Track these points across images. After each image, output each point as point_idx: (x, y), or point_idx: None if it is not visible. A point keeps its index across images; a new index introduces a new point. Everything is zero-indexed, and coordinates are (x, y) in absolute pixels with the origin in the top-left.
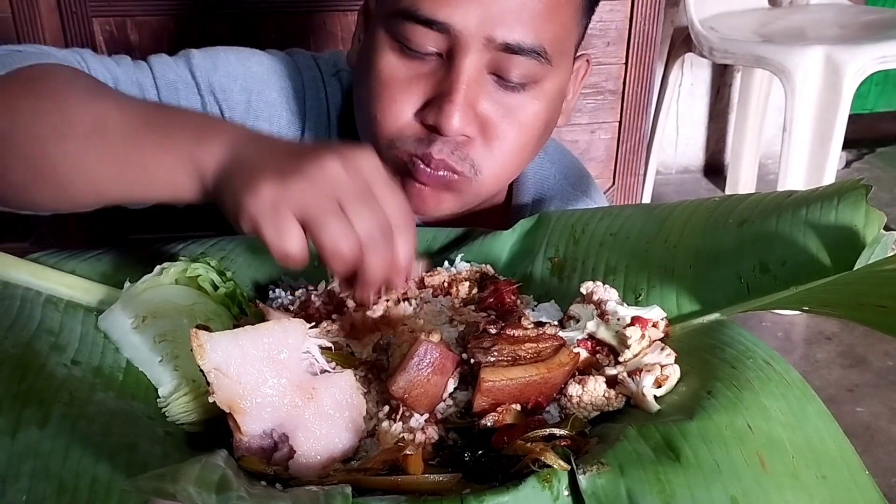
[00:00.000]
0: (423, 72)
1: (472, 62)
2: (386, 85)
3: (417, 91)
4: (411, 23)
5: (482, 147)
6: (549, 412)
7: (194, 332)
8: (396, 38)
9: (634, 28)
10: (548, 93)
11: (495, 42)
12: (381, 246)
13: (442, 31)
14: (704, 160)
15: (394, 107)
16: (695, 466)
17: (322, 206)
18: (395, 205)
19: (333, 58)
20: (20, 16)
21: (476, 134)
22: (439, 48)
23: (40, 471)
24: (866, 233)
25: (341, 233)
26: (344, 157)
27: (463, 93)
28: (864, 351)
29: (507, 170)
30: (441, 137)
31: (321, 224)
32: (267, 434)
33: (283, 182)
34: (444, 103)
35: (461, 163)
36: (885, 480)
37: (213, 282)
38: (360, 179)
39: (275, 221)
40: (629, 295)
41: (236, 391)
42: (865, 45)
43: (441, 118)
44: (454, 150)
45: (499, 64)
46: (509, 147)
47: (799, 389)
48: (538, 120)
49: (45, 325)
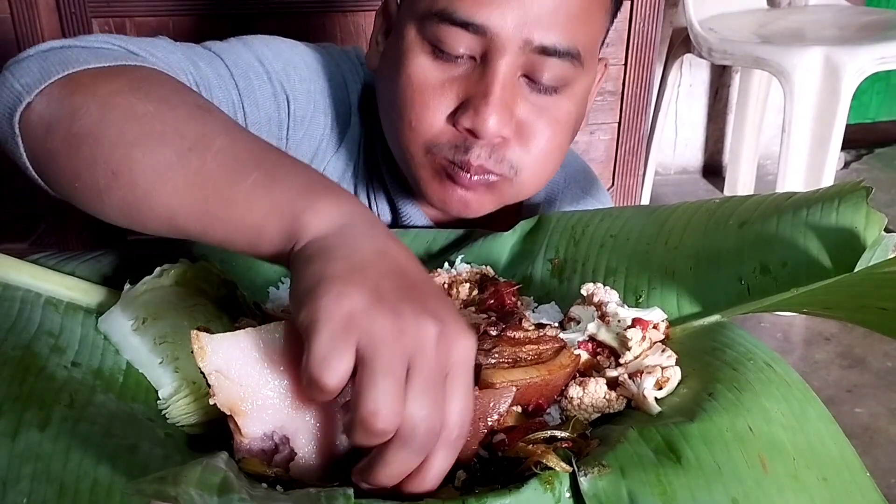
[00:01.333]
0: (456, 75)
1: (507, 64)
2: (419, 90)
3: (451, 95)
4: (446, 25)
5: (519, 148)
6: (549, 414)
7: (195, 334)
8: (429, 41)
9: (633, 29)
10: (578, 94)
11: (532, 45)
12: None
13: (479, 33)
14: (703, 161)
15: (427, 113)
16: (696, 468)
17: (392, 360)
18: (461, 402)
19: (355, 51)
20: (19, 16)
21: (511, 135)
22: (473, 51)
23: (41, 473)
24: (867, 235)
25: (390, 400)
26: (446, 326)
27: (499, 95)
28: (863, 352)
29: (545, 169)
30: (478, 141)
31: (378, 375)
32: (268, 436)
33: (373, 309)
34: (480, 106)
35: (499, 165)
36: (885, 481)
37: (212, 284)
38: (445, 362)
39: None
40: (630, 296)
41: (237, 393)
42: (864, 46)
43: (478, 121)
44: (491, 153)
45: (532, 66)
46: (545, 147)
47: (800, 391)
48: (570, 119)
49: (46, 327)
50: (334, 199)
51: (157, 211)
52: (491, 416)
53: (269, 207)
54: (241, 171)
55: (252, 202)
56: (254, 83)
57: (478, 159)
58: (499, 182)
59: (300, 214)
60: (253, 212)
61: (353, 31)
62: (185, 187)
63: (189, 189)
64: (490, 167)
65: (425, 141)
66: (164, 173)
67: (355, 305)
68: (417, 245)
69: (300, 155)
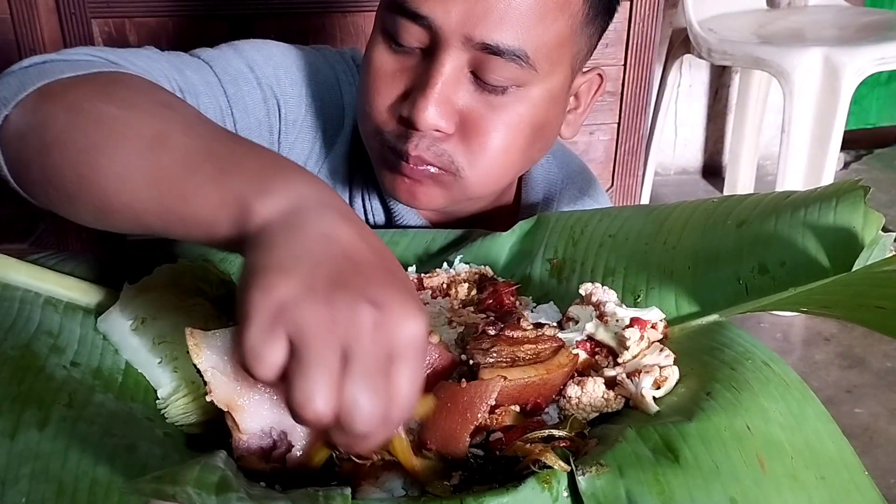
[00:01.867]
0: (407, 66)
1: (450, 58)
2: (374, 77)
3: (399, 84)
4: (399, 16)
5: (461, 144)
6: (548, 413)
7: (189, 331)
8: (387, 31)
9: (633, 29)
10: (534, 98)
11: (473, 41)
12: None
13: (424, 25)
14: (703, 161)
15: (377, 99)
16: (694, 468)
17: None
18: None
19: (351, 53)
20: (19, 17)
21: (454, 130)
22: (422, 43)
23: (40, 473)
24: (865, 234)
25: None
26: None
27: (438, 88)
28: (862, 352)
29: (493, 169)
30: (416, 132)
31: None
32: (266, 433)
33: (302, 300)
34: (418, 97)
35: (439, 158)
36: (885, 481)
37: (212, 283)
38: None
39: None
40: (628, 296)
41: (234, 389)
42: (864, 47)
43: (413, 111)
44: (430, 145)
45: (479, 64)
46: (491, 146)
47: (798, 391)
48: (521, 122)
49: (45, 327)
50: (283, 184)
51: (123, 212)
52: (478, 407)
53: (219, 199)
54: (194, 164)
55: (203, 195)
56: (243, 89)
57: (415, 150)
58: (442, 176)
59: (247, 202)
60: (205, 205)
61: (352, 31)
62: (143, 186)
63: (147, 188)
64: (429, 159)
65: (374, 126)
66: (124, 174)
67: (284, 296)
68: (416, 245)
69: (294, 157)
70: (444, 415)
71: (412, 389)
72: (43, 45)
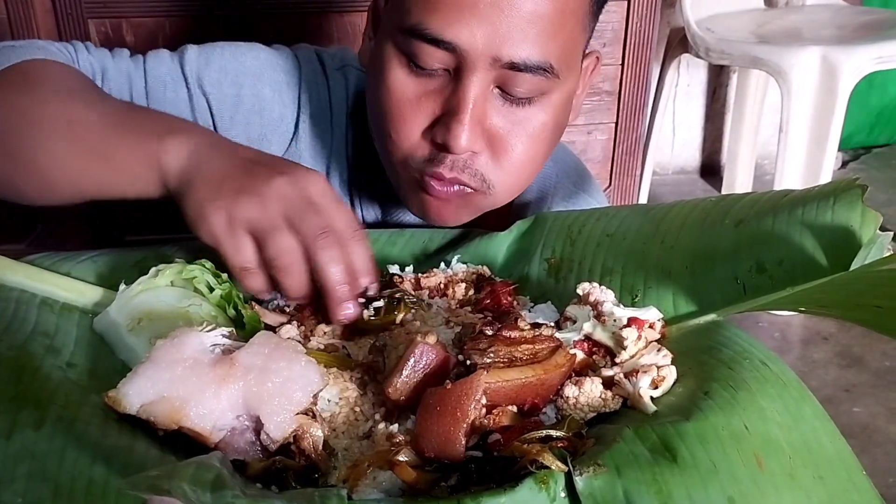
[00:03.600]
0: (432, 88)
1: (478, 80)
2: (397, 103)
3: (426, 109)
4: (419, 41)
5: (491, 161)
6: (545, 413)
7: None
8: (405, 54)
9: (631, 29)
10: (555, 103)
11: (502, 61)
12: (331, 248)
13: (449, 49)
14: (701, 161)
15: (404, 126)
16: (692, 467)
17: (270, 222)
18: (341, 216)
19: (340, 53)
20: (15, 17)
21: (484, 149)
22: (446, 65)
23: (36, 473)
24: (862, 233)
25: (285, 244)
26: (293, 177)
27: (470, 111)
28: (860, 351)
29: (519, 181)
30: (450, 155)
31: (266, 239)
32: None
33: (237, 201)
34: (452, 122)
35: (472, 178)
36: (883, 481)
37: (208, 283)
38: (307, 196)
39: (232, 240)
40: (626, 296)
41: (172, 406)
42: (862, 46)
43: (449, 137)
44: (464, 167)
45: (505, 80)
46: (518, 159)
47: (796, 390)
48: (545, 131)
49: (41, 328)
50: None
51: (63, 185)
52: (467, 404)
53: (137, 159)
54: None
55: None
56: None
57: (451, 172)
58: (472, 195)
59: (160, 159)
60: (127, 166)
61: (349, 31)
62: (73, 160)
63: (77, 161)
64: (464, 180)
65: (402, 153)
66: (54, 154)
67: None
68: (413, 245)
69: None
70: (436, 419)
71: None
72: None
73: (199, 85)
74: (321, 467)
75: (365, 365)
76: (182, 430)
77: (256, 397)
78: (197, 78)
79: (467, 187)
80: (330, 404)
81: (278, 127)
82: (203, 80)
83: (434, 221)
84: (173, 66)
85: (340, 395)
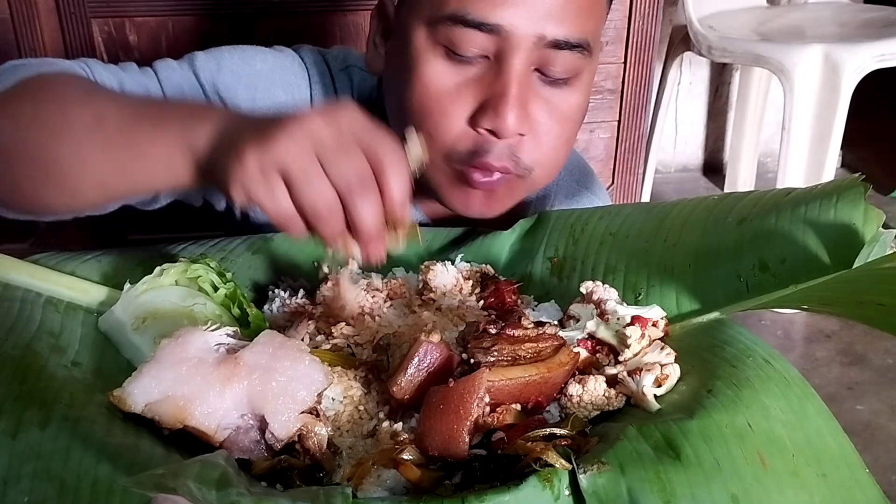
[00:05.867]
0: (471, 76)
1: (522, 61)
2: (435, 97)
3: (467, 98)
4: (459, 27)
5: (532, 144)
6: (549, 412)
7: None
8: (441, 44)
9: (633, 27)
10: (585, 83)
11: (546, 40)
12: (365, 192)
13: (493, 32)
14: (703, 159)
15: (445, 119)
16: (695, 465)
17: (300, 164)
18: (379, 144)
19: (343, 54)
20: (19, 17)
21: (529, 131)
22: (487, 50)
23: (42, 472)
24: (865, 231)
25: (318, 189)
26: (324, 112)
27: (516, 93)
28: (863, 349)
29: (556, 163)
30: (498, 142)
31: (298, 185)
32: (245, 426)
33: (264, 144)
34: (500, 105)
35: (517, 165)
36: (886, 478)
37: (213, 283)
38: (340, 129)
39: (265, 186)
40: (629, 294)
41: (177, 406)
42: (864, 43)
43: (499, 121)
44: (510, 154)
45: (545, 60)
46: (556, 142)
47: (799, 388)
48: (580, 111)
49: (46, 327)
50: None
51: (90, 188)
52: (470, 402)
53: (167, 145)
54: (136, 126)
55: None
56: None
57: (499, 161)
58: (514, 181)
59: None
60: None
61: (352, 30)
62: (100, 158)
63: (104, 158)
64: (510, 167)
65: (445, 146)
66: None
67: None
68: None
69: None
70: (439, 417)
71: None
72: (43, 45)
73: (216, 91)
74: (326, 466)
75: (369, 364)
76: (187, 429)
77: (261, 396)
78: (212, 84)
79: (513, 175)
80: (334, 403)
81: None
82: (218, 85)
83: (480, 214)
84: (186, 74)
85: (345, 393)
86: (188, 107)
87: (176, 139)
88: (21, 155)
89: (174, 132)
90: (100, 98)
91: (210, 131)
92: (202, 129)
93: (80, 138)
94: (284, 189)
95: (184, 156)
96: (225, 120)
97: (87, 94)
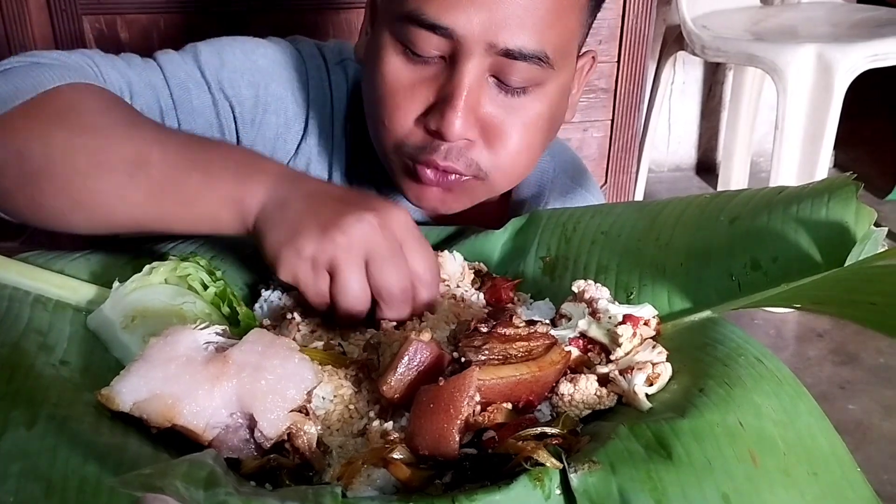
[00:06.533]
0: (427, 76)
1: (473, 67)
2: (391, 90)
3: (421, 96)
4: (415, 27)
5: (485, 149)
6: (540, 411)
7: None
8: (401, 42)
9: (626, 26)
10: (550, 94)
11: (497, 48)
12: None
13: (445, 35)
14: (696, 158)
15: (398, 113)
16: (686, 464)
17: (350, 267)
18: (421, 260)
19: (338, 47)
20: (9, 13)
21: (478, 137)
22: (443, 52)
23: (28, 471)
24: (857, 229)
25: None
26: (379, 214)
27: (464, 98)
28: (855, 348)
29: (515, 169)
30: (444, 143)
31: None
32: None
33: (322, 242)
34: (446, 109)
35: (468, 167)
36: (877, 477)
37: (202, 281)
38: (392, 236)
39: (314, 278)
40: (621, 293)
41: (166, 404)
42: (857, 43)
43: (443, 124)
44: (458, 155)
45: (500, 68)
46: (513, 148)
47: (790, 386)
48: (540, 120)
49: (34, 325)
50: (262, 176)
51: (123, 221)
52: (460, 401)
53: (216, 200)
54: (183, 175)
55: (201, 199)
56: (192, 93)
57: (444, 160)
58: (469, 182)
59: (241, 200)
60: (204, 207)
61: (345, 28)
62: (142, 201)
63: (147, 201)
64: (458, 168)
65: (395, 139)
66: (121, 194)
67: (311, 249)
68: None
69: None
70: (430, 416)
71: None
72: (33, 41)
73: (221, 88)
74: (315, 465)
75: (359, 362)
76: (175, 428)
77: (250, 395)
78: (217, 81)
79: (462, 175)
80: (324, 402)
81: (293, 125)
82: (223, 83)
83: (431, 210)
84: (191, 70)
85: (335, 392)
86: (237, 158)
87: (225, 194)
88: (50, 180)
89: (224, 188)
90: (141, 134)
91: (262, 193)
92: (253, 188)
93: (122, 179)
94: (328, 279)
95: (231, 213)
96: (276, 182)
97: (126, 128)
